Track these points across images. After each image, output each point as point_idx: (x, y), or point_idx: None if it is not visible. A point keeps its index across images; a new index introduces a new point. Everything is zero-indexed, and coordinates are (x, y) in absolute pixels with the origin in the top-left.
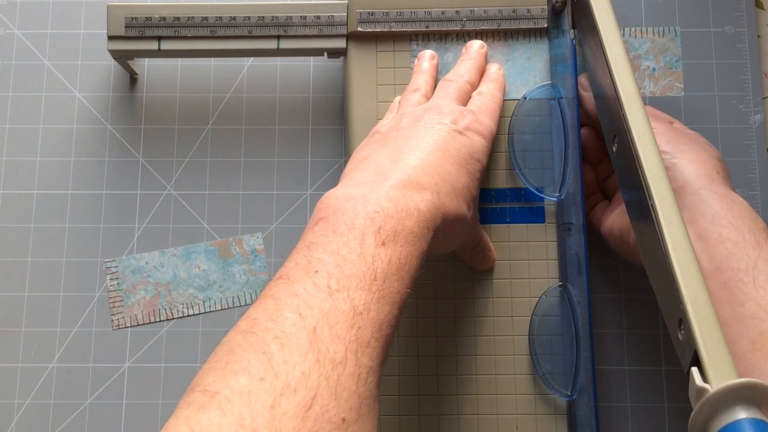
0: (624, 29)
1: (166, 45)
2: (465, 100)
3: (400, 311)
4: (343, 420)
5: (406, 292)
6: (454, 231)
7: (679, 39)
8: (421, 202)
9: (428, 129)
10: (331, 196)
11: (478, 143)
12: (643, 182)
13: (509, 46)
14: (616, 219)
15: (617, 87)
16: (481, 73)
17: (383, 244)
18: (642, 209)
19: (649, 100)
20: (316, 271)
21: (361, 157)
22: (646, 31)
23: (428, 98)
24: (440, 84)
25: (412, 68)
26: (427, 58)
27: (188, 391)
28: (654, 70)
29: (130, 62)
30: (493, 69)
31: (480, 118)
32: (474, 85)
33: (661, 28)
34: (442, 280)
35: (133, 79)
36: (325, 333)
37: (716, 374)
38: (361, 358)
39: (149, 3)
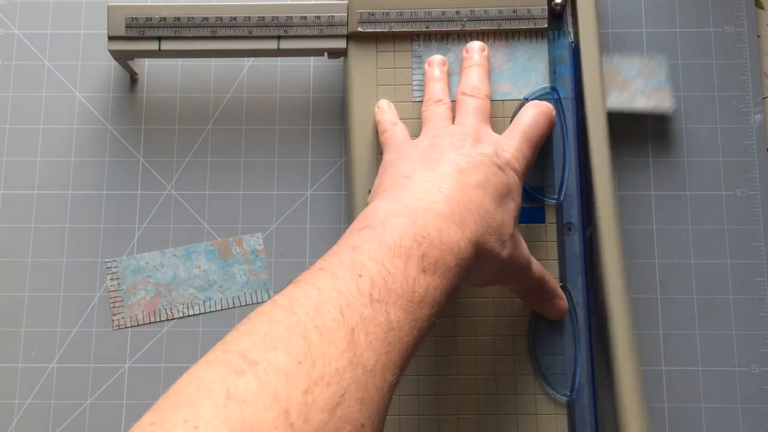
0: (614, 55)
1: (166, 45)
2: (488, 117)
3: (422, 339)
4: (362, 426)
5: (433, 320)
6: (486, 268)
7: (665, 66)
8: (461, 240)
9: (470, 160)
10: (380, 207)
11: (514, 182)
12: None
13: (510, 47)
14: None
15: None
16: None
17: (424, 270)
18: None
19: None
20: (360, 275)
21: (403, 175)
22: (634, 60)
23: (451, 110)
24: (461, 99)
25: (412, 68)
26: (437, 63)
27: (222, 349)
28: (643, 90)
29: (130, 62)
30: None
31: (520, 150)
32: (490, 98)
33: (649, 55)
34: None
35: (133, 79)
36: (362, 338)
37: None
38: (387, 372)
39: (149, 3)
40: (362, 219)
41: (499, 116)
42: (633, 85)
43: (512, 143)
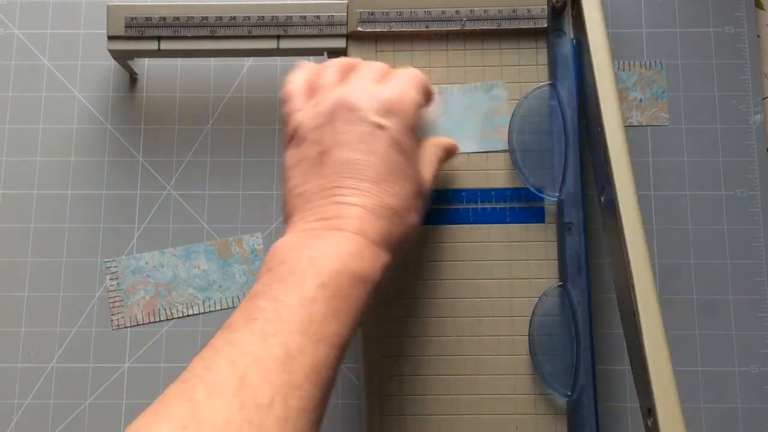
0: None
1: (166, 45)
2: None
3: (341, 352)
4: None
5: (347, 333)
6: (408, 243)
7: (664, 72)
8: (365, 248)
9: (352, 147)
10: (280, 245)
11: (404, 140)
12: (626, 261)
13: (444, 99)
14: None
15: (609, 152)
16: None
17: (323, 286)
18: (626, 291)
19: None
20: (255, 319)
21: (297, 192)
22: (634, 65)
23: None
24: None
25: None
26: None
27: None
28: (641, 101)
29: (130, 62)
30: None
31: (401, 102)
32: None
33: (648, 62)
34: (443, 280)
35: (133, 79)
36: (255, 378)
37: None
38: (291, 400)
39: (149, 3)
40: (267, 261)
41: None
42: (630, 95)
43: (389, 98)
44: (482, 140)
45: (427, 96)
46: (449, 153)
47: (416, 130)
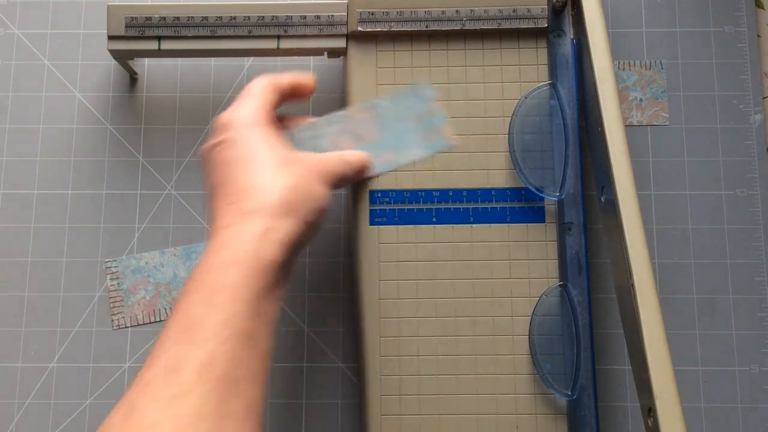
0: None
1: (166, 45)
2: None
3: (240, 341)
4: None
5: (239, 320)
6: (302, 201)
7: (665, 72)
8: (229, 229)
9: (209, 177)
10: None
11: (242, 135)
12: (626, 261)
13: (375, 117)
14: None
15: (609, 151)
16: None
17: (193, 291)
18: (626, 291)
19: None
20: (149, 355)
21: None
22: (634, 65)
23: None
24: None
25: (412, 67)
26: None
27: None
28: (641, 100)
29: (130, 62)
30: None
31: (233, 116)
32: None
33: (648, 62)
34: (442, 280)
35: (133, 79)
36: (142, 403)
37: None
38: (180, 408)
39: (149, 3)
40: None
41: (497, 115)
42: (630, 95)
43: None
44: (426, 143)
45: (268, 88)
46: (358, 159)
47: (257, 124)
